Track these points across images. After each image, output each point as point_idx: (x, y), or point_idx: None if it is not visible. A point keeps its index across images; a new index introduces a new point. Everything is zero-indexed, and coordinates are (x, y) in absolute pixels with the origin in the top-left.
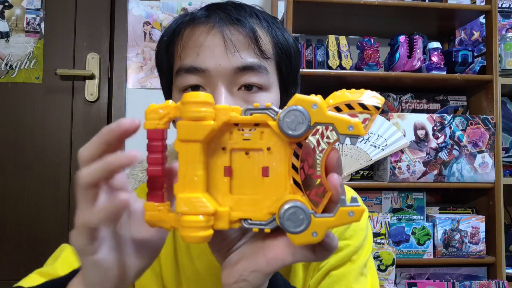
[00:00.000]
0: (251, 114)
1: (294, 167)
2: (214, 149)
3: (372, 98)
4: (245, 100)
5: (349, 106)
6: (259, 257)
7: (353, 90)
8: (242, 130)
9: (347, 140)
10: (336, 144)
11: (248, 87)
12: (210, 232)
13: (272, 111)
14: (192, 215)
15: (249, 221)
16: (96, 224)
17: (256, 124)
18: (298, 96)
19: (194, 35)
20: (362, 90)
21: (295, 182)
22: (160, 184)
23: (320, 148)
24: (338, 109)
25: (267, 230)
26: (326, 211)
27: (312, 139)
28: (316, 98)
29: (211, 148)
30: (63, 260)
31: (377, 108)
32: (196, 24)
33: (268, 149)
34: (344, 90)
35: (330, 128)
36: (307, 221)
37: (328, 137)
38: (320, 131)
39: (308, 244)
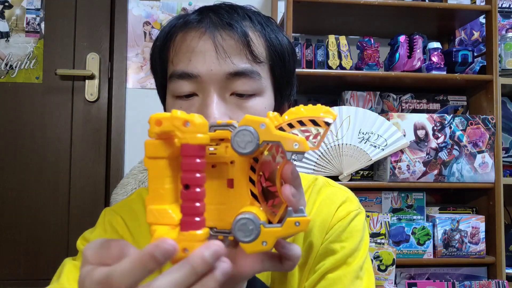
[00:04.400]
0: (214, 131)
1: (251, 180)
2: None
3: (324, 113)
4: (237, 105)
5: (301, 123)
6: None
7: (309, 105)
8: (209, 145)
9: (294, 156)
10: (332, 147)
11: (240, 94)
12: None
13: (232, 127)
14: (159, 225)
15: (215, 230)
16: None
17: (222, 139)
18: (247, 116)
19: (186, 40)
20: (318, 105)
21: (253, 194)
22: (200, 209)
23: (275, 162)
24: (290, 126)
25: (231, 237)
26: (283, 220)
27: (268, 154)
28: (265, 119)
29: (180, 162)
30: (67, 276)
31: (328, 123)
32: (188, 29)
33: (232, 162)
34: (300, 106)
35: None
36: (256, 231)
37: (282, 152)
38: (275, 146)
39: (274, 254)
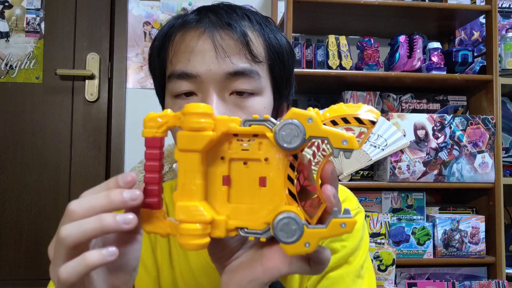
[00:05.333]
0: (250, 125)
1: (289, 178)
2: (213, 158)
3: (368, 112)
4: (237, 105)
5: (345, 120)
6: (256, 266)
7: (350, 104)
8: (241, 140)
9: (342, 154)
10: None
11: (240, 93)
12: (206, 240)
13: (270, 123)
14: (189, 223)
15: (246, 230)
16: (79, 278)
17: (255, 135)
18: (294, 110)
19: (185, 40)
20: (359, 104)
21: (291, 193)
22: (157, 191)
23: (315, 160)
24: (334, 123)
25: (263, 239)
26: (321, 222)
27: (308, 151)
28: (312, 113)
29: (210, 157)
30: None
31: (373, 122)
32: (187, 29)
33: (266, 159)
34: (341, 103)
35: (326, 141)
36: (299, 232)
37: (323, 150)
38: (316, 144)
39: (303, 256)
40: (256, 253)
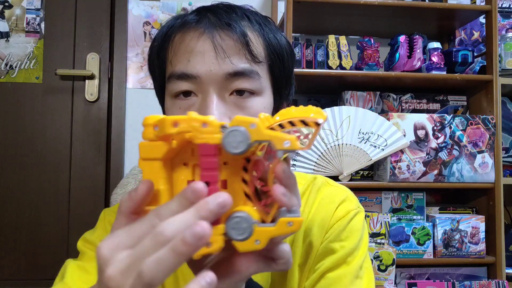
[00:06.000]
0: None
1: (244, 180)
2: (178, 164)
3: (314, 114)
4: (237, 105)
5: (291, 123)
6: (226, 266)
7: (300, 107)
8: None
9: (290, 155)
10: (332, 147)
11: (240, 92)
12: None
13: (224, 128)
14: None
15: None
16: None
17: None
18: (237, 117)
19: (184, 40)
20: (309, 106)
21: (246, 194)
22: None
23: (267, 162)
24: (281, 126)
25: (225, 237)
26: (276, 220)
27: (260, 154)
28: (255, 119)
29: (175, 163)
30: (71, 275)
31: (317, 124)
32: (186, 29)
33: (225, 163)
34: (291, 107)
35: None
36: (249, 230)
37: (275, 152)
38: (266, 146)
39: (267, 255)
40: (227, 253)
